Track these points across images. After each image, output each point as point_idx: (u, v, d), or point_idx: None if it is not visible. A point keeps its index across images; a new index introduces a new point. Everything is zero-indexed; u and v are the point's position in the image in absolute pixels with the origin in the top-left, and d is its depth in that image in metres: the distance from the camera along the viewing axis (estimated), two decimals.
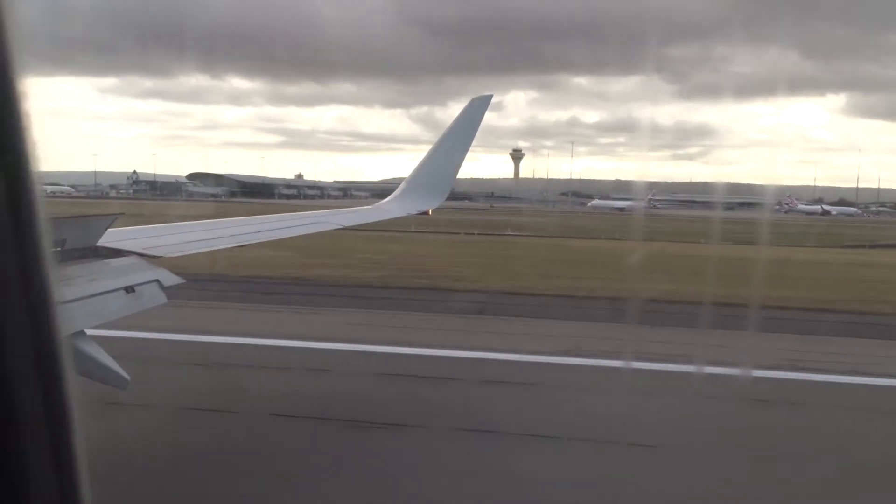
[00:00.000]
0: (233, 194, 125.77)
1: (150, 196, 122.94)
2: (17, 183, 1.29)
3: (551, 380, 11.06)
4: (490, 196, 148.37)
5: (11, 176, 1.28)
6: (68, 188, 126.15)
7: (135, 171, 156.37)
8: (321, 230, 10.03)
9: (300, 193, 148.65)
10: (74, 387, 1.39)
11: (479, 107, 11.75)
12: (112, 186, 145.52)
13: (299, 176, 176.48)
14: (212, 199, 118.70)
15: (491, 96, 11.97)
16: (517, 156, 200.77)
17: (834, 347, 13.58)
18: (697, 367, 11.38)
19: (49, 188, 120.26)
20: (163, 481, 6.76)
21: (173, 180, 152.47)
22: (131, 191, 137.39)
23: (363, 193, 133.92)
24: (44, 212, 1.34)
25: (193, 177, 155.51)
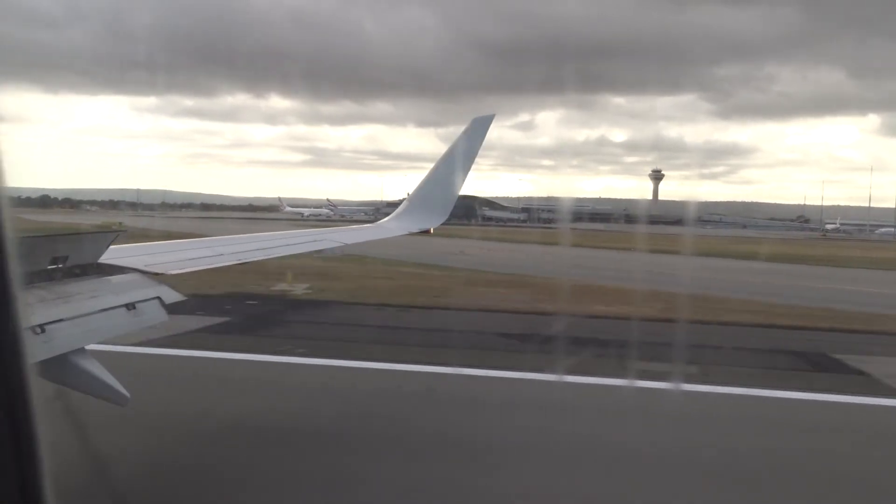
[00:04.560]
0: (532, 219, 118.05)
1: None
2: None
3: None
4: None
5: None
6: (328, 211, 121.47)
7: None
8: (324, 248, 10.07)
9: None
10: (38, 409, 1.39)
11: (481, 126, 11.81)
12: (389, 205, 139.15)
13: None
14: (509, 224, 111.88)
15: (493, 116, 12.01)
16: (657, 176, 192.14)
17: None
18: None
19: (306, 211, 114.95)
20: None
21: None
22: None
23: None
24: (10, 227, 1.33)
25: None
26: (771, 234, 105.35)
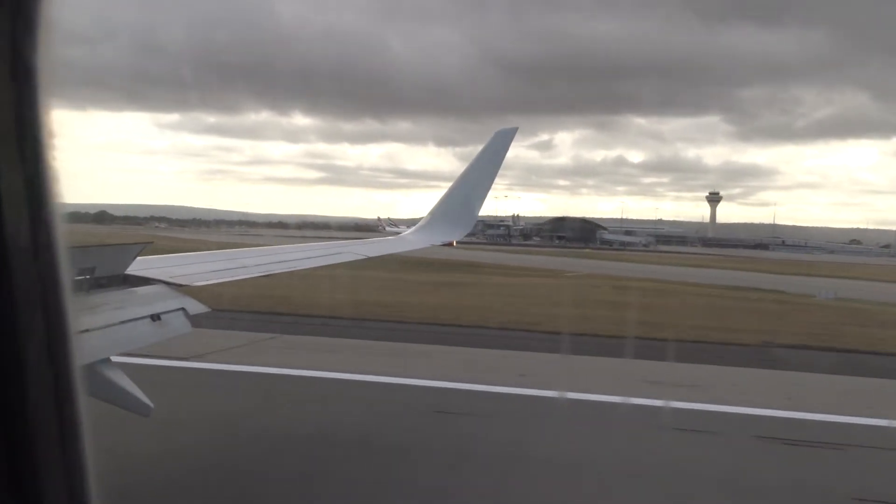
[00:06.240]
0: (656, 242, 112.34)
1: (570, 243, 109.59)
2: (38, 211, 1.34)
3: None
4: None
5: (33, 204, 1.33)
6: None
7: (516, 214, 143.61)
8: (346, 260, 10.11)
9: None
10: (87, 410, 1.44)
11: (504, 139, 11.83)
12: (489, 226, 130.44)
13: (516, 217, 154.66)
14: (630, 248, 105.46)
15: (516, 129, 12.03)
16: (714, 199, 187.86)
17: None
18: None
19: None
20: None
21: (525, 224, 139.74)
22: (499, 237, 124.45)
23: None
24: (64, 239, 1.39)
25: (558, 221, 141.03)
26: (878, 260, 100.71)
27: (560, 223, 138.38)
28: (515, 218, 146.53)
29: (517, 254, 75.56)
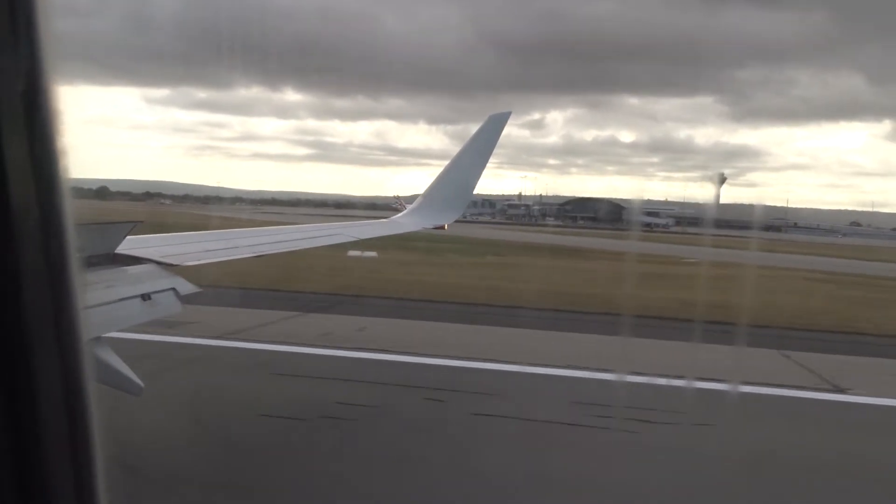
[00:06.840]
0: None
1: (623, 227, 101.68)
2: (46, 187, 1.32)
3: None
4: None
5: (41, 180, 1.31)
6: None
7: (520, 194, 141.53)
8: (336, 242, 10.10)
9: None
10: (93, 390, 1.43)
11: (497, 123, 11.80)
12: (511, 206, 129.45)
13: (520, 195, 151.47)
14: (657, 229, 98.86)
15: (509, 113, 12.00)
16: (721, 180, 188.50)
17: None
18: None
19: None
20: None
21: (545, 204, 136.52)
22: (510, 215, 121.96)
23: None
24: (72, 217, 1.38)
25: (573, 202, 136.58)
26: None
27: (583, 203, 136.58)
28: (539, 198, 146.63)
29: (568, 236, 67.86)
